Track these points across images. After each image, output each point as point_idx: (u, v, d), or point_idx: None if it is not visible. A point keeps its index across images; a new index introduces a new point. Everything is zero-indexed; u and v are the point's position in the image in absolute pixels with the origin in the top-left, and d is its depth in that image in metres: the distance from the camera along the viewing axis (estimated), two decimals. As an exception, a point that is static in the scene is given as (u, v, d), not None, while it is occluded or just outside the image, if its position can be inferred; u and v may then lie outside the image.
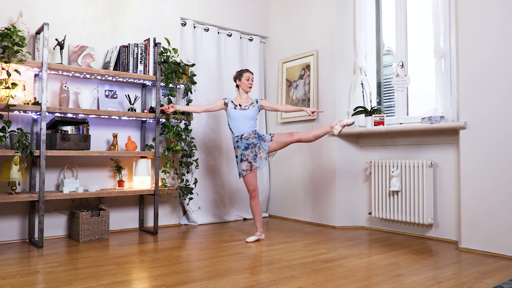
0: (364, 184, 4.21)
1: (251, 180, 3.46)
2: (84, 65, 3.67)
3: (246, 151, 3.43)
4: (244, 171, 3.43)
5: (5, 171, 3.19)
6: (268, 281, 2.38)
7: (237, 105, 3.52)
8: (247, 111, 3.49)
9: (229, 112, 3.52)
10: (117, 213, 3.93)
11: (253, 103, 3.53)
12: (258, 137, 3.47)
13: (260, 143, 3.46)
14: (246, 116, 3.47)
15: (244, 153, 3.43)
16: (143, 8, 4.14)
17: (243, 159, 3.43)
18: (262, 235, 3.54)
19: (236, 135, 3.48)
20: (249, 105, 3.52)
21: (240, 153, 3.45)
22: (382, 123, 3.87)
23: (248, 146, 3.44)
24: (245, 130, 3.46)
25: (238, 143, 3.46)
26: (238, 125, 3.47)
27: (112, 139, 3.87)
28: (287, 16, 4.86)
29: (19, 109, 3.17)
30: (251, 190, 3.48)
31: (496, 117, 3.05)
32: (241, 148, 3.45)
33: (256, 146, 3.44)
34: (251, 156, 3.42)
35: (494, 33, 3.08)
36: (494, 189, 3.06)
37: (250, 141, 3.44)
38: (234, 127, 3.49)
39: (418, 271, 2.60)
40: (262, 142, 3.47)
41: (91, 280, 2.37)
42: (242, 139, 3.45)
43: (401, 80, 3.75)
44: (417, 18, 3.90)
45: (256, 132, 3.49)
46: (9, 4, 3.42)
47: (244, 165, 3.43)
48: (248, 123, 3.47)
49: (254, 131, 3.48)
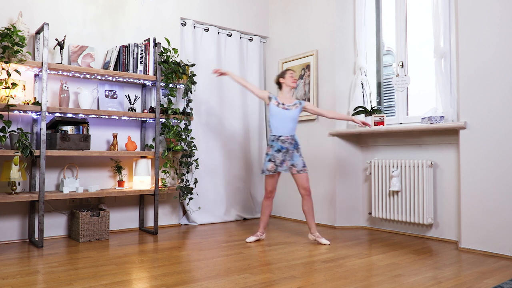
0: (364, 184, 4.21)
1: (271, 181, 3.43)
2: (84, 65, 3.67)
3: (278, 153, 3.36)
4: (268, 171, 3.39)
5: (5, 171, 3.19)
6: (268, 281, 2.38)
7: (280, 103, 3.41)
8: (289, 112, 3.38)
9: (271, 108, 3.42)
10: (117, 213, 3.93)
11: (296, 104, 3.42)
12: (294, 144, 3.39)
13: (293, 151, 3.38)
14: (287, 117, 3.37)
15: (274, 155, 3.37)
16: (143, 8, 4.14)
17: (271, 160, 3.38)
18: (262, 236, 3.52)
19: (274, 134, 3.39)
20: (292, 106, 3.41)
21: (271, 153, 3.38)
22: (382, 123, 3.87)
23: (281, 149, 3.36)
24: (284, 132, 3.36)
25: (273, 143, 3.38)
26: (278, 125, 3.37)
27: (112, 139, 3.87)
28: (287, 16, 4.86)
29: (19, 109, 3.17)
30: (269, 191, 3.45)
31: (496, 117, 3.05)
32: (274, 148, 3.37)
33: (288, 153, 3.37)
34: (280, 160, 3.36)
35: (494, 33, 3.08)
36: (494, 189, 3.06)
37: (285, 146, 3.36)
38: (274, 126, 3.40)
39: (418, 271, 2.60)
40: (295, 151, 3.38)
41: (91, 280, 2.37)
42: (278, 140, 3.37)
43: (401, 80, 3.75)
44: (417, 18, 3.90)
45: (294, 138, 3.40)
46: (9, 4, 3.42)
47: (270, 165, 3.38)
48: (288, 125, 3.37)
49: (293, 136, 3.39)
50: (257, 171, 4.91)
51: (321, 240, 3.41)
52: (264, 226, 3.51)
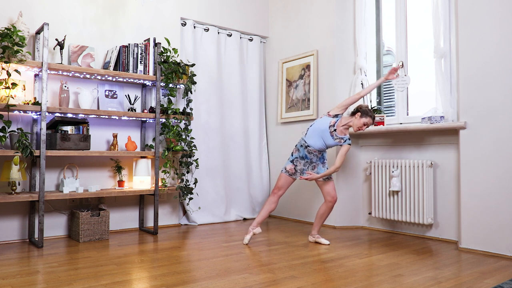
0: (364, 184, 4.21)
1: (284, 181, 3.41)
2: (84, 65, 3.67)
3: (301, 160, 3.37)
4: (286, 171, 3.39)
5: (5, 171, 3.19)
6: (268, 281, 2.38)
7: (334, 127, 3.28)
8: (330, 140, 3.28)
9: (324, 121, 3.31)
10: (117, 213, 3.93)
11: (341, 139, 3.28)
12: (320, 158, 3.38)
13: (317, 164, 3.37)
14: (326, 141, 3.30)
15: (298, 160, 3.38)
16: (143, 8, 4.14)
17: (294, 162, 3.38)
18: (256, 229, 3.39)
19: (305, 140, 3.36)
20: (338, 138, 3.28)
21: (296, 155, 3.38)
22: (382, 123, 3.87)
23: (305, 157, 3.36)
24: (314, 144, 3.32)
25: (301, 148, 3.37)
26: (314, 138, 3.31)
27: (112, 139, 3.87)
28: (287, 16, 4.86)
29: (19, 109, 3.17)
30: (277, 187, 3.43)
31: (496, 117, 3.05)
32: (299, 153, 3.37)
33: (311, 164, 3.37)
34: (301, 167, 3.37)
35: (494, 33, 3.08)
36: (494, 189, 3.06)
37: (310, 156, 3.35)
38: (309, 136, 3.35)
39: (418, 271, 2.60)
40: (321, 164, 3.38)
41: (91, 280, 2.37)
42: (306, 148, 3.35)
43: (401, 80, 3.75)
44: (417, 18, 3.90)
45: (323, 153, 3.38)
46: (9, 4, 3.42)
47: (289, 166, 3.38)
48: (321, 144, 3.31)
49: (321, 151, 3.35)
50: (257, 171, 4.91)
51: (321, 240, 3.41)
52: (259, 222, 3.41)
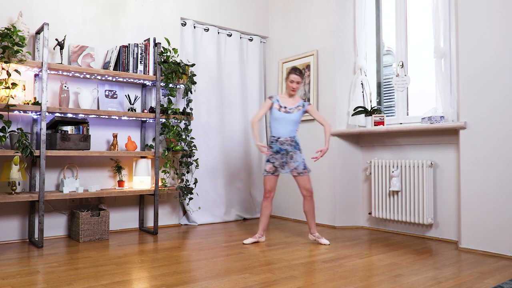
0: (364, 184, 4.21)
1: (270, 181, 3.39)
2: (84, 65, 3.67)
3: (276, 154, 3.35)
4: (266, 172, 3.38)
5: (5, 171, 3.19)
6: (268, 281, 2.38)
7: (282, 106, 3.36)
8: (291, 115, 3.34)
9: (272, 112, 3.37)
10: (117, 213, 3.93)
11: (299, 106, 3.38)
12: (295, 145, 3.36)
13: (294, 152, 3.35)
14: (289, 120, 3.34)
15: (273, 156, 3.35)
16: (143, 8, 4.14)
17: (270, 161, 3.36)
18: (262, 238, 3.46)
19: (273, 135, 3.37)
20: (294, 108, 3.36)
21: (270, 154, 3.37)
22: (382, 123, 3.87)
23: (280, 150, 3.34)
24: (283, 133, 3.34)
25: (272, 144, 3.37)
26: (278, 126, 3.35)
27: (112, 139, 3.87)
28: (287, 16, 4.86)
29: (19, 109, 3.17)
30: (267, 191, 3.41)
31: (496, 117, 3.05)
32: (273, 149, 3.36)
33: (288, 155, 3.34)
34: (280, 162, 3.34)
35: (494, 33, 3.08)
36: (494, 189, 3.06)
37: (284, 147, 3.33)
38: (273, 128, 3.38)
39: (418, 271, 2.60)
40: (297, 152, 3.35)
41: (91, 280, 2.37)
42: (277, 141, 3.34)
43: (401, 80, 3.75)
44: (417, 18, 3.90)
45: (295, 139, 3.37)
46: (9, 4, 3.42)
47: (269, 166, 3.36)
48: (288, 127, 3.34)
49: (293, 137, 3.36)
50: (257, 171, 4.91)
51: (321, 240, 3.41)
52: (263, 228, 3.45)
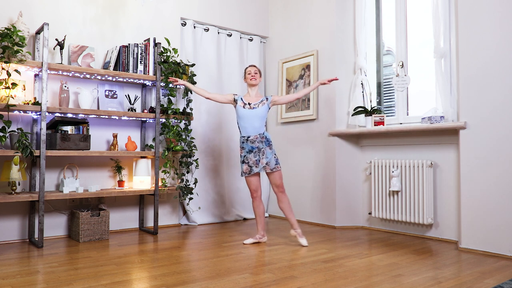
0: (364, 184, 4.21)
1: (252, 181, 3.39)
2: (84, 65, 3.67)
3: (249, 154, 3.34)
4: (244, 173, 3.38)
5: (5, 171, 3.19)
6: (268, 281, 2.38)
7: (246, 103, 3.37)
8: (256, 110, 3.35)
9: (237, 110, 3.39)
10: (117, 213, 3.93)
11: (263, 101, 3.39)
12: (265, 141, 3.35)
13: (265, 149, 3.34)
14: (254, 115, 3.34)
15: (247, 156, 3.34)
16: (143, 8, 4.14)
17: (245, 161, 3.35)
18: (263, 238, 3.44)
19: (242, 135, 3.38)
20: (258, 103, 3.37)
21: (243, 154, 3.37)
22: (382, 123, 3.87)
23: (252, 149, 3.33)
24: (252, 131, 3.34)
25: (244, 144, 3.37)
26: (246, 125, 3.35)
27: (112, 139, 3.87)
28: (287, 16, 4.86)
29: (19, 109, 3.17)
30: (252, 191, 3.41)
31: (496, 117, 3.05)
32: (245, 150, 3.35)
33: (260, 151, 3.33)
34: (253, 160, 3.33)
35: (494, 33, 3.08)
36: (494, 189, 3.06)
37: (255, 145, 3.33)
38: (242, 127, 3.38)
39: (418, 271, 2.60)
40: (267, 148, 3.34)
41: (91, 280, 2.37)
42: (248, 141, 3.34)
43: (401, 80, 3.75)
44: (417, 18, 3.90)
45: (264, 135, 3.36)
46: (9, 4, 3.42)
47: (244, 167, 3.36)
48: (256, 124, 3.34)
49: (262, 134, 3.36)
50: (257, 171, 4.91)
51: (301, 239, 3.34)
52: (262, 228, 3.43)
